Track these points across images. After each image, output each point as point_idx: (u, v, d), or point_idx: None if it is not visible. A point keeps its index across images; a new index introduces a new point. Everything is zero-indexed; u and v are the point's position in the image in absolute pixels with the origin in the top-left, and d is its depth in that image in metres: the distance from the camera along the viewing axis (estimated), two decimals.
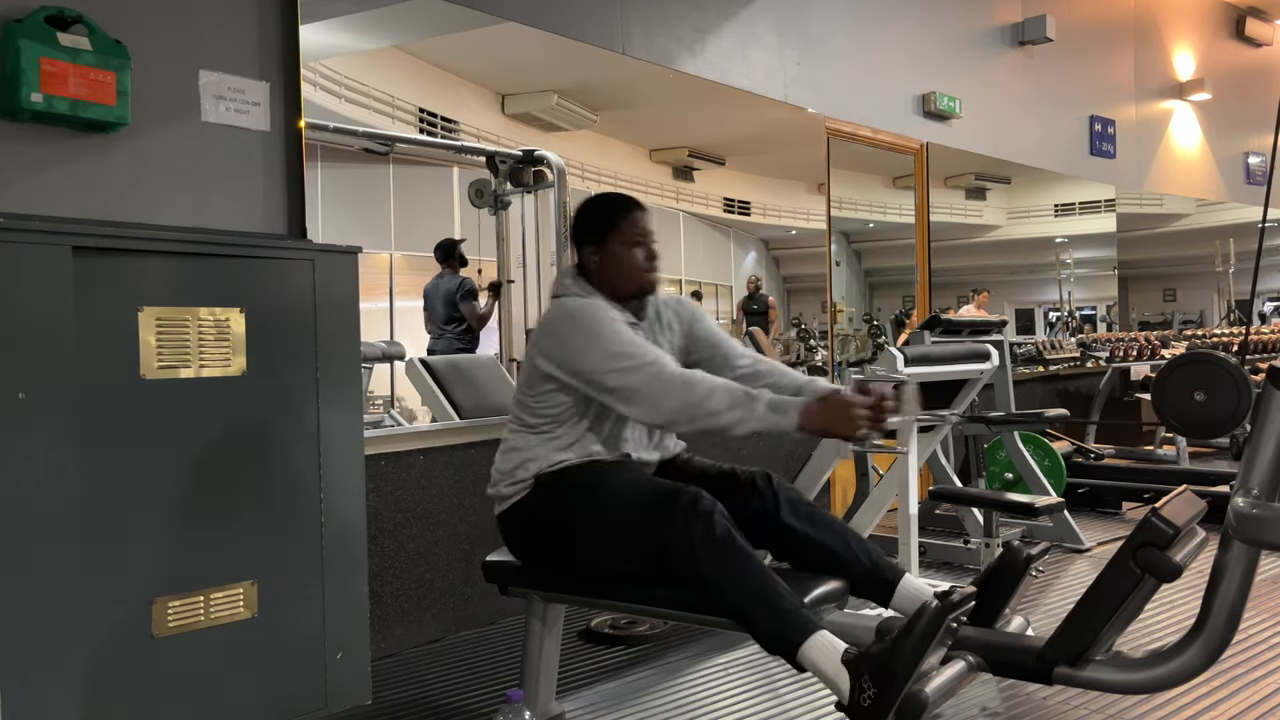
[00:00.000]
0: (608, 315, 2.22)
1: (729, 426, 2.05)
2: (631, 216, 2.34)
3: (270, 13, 2.86)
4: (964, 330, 4.47)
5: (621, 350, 2.14)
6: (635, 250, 2.32)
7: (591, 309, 2.23)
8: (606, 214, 2.35)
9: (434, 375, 3.48)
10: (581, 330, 2.19)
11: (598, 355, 2.15)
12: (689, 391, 2.06)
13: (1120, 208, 7.36)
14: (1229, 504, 1.70)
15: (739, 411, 2.04)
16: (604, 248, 2.33)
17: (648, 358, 2.13)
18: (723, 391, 2.06)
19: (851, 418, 2.01)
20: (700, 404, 2.05)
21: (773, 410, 2.03)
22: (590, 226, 2.36)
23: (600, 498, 2.19)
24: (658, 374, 2.09)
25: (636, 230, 2.33)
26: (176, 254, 2.14)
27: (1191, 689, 2.63)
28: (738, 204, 4.84)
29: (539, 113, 3.91)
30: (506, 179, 3.74)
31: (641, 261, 2.33)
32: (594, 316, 2.21)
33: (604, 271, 2.33)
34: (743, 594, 2.00)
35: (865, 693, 1.83)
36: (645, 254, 2.33)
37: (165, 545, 2.09)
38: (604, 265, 2.33)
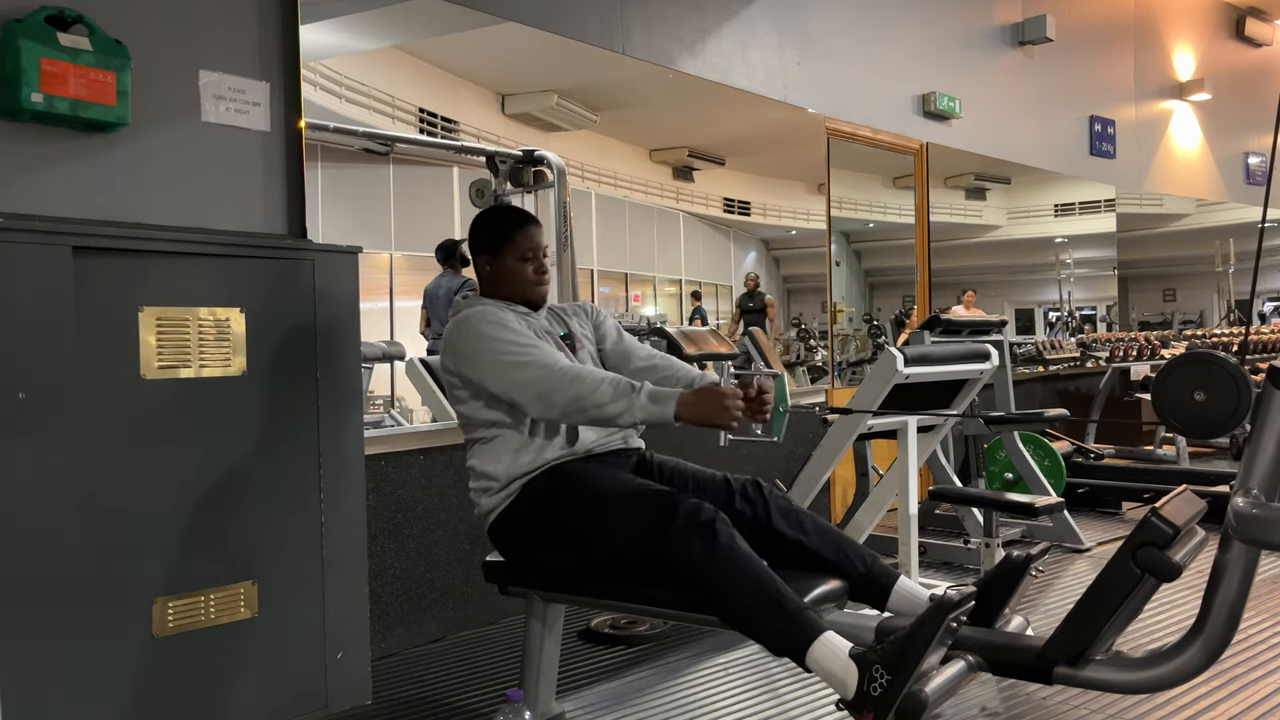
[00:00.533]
0: (498, 317, 2.29)
1: (614, 416, 2.13)
2: (525, 231, 2.44)
3: (270, 13, 2.86)
4: (964, 330, 4.47)
5: (507, 350, 2.22)
6: (526, 264, 2.43)
7: (477, 316, 2.31)
8: (501, 226, 2.45)
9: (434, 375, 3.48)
10: (470, 338, 2.28)
11: (487, 360, 2.24)
12: (578, 385, 2.13)
13: (1120, 208, 7.36)
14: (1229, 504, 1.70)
15: (623, 402, 2.11)
16: (497, 259, 2.44)
17: (534, 355, 2.21)
18: (608, 384, 2.13)
19: (725, 407, 2.10)
20: (587, 395, 2.12)
21: (652, 401, 2.12)
22: (485, 237, 2.46)
23: (598, 507, 2.19)
24: (545, 370, 2.18)
25: (529, 245, 2.43)
26: (176, 254, 2.14)
27: (1191, 689, 2.64)
28: (738, 204, 4.84)
29: (539, 113, 3.91)
30: (506, 179, 3.74)
31: (531, 275, 2.44)
32: (483, 320, 2.29)
33: (496, 281, 2.45)
34: (747, 599, 2.00)
35: (876, 682, 1.83)
36: (535, 268, 2.44)
37: (165, 545, 2.09)
38: (496, 275, 2.44)
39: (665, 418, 2.12)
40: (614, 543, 2.16)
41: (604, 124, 4.16)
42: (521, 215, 2.52)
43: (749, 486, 2.32)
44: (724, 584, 2.02)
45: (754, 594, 2.00)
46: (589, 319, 2.60)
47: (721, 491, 2.31)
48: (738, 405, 2.13)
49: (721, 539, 2.03)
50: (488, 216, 2.52)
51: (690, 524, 2.04)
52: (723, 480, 2.36)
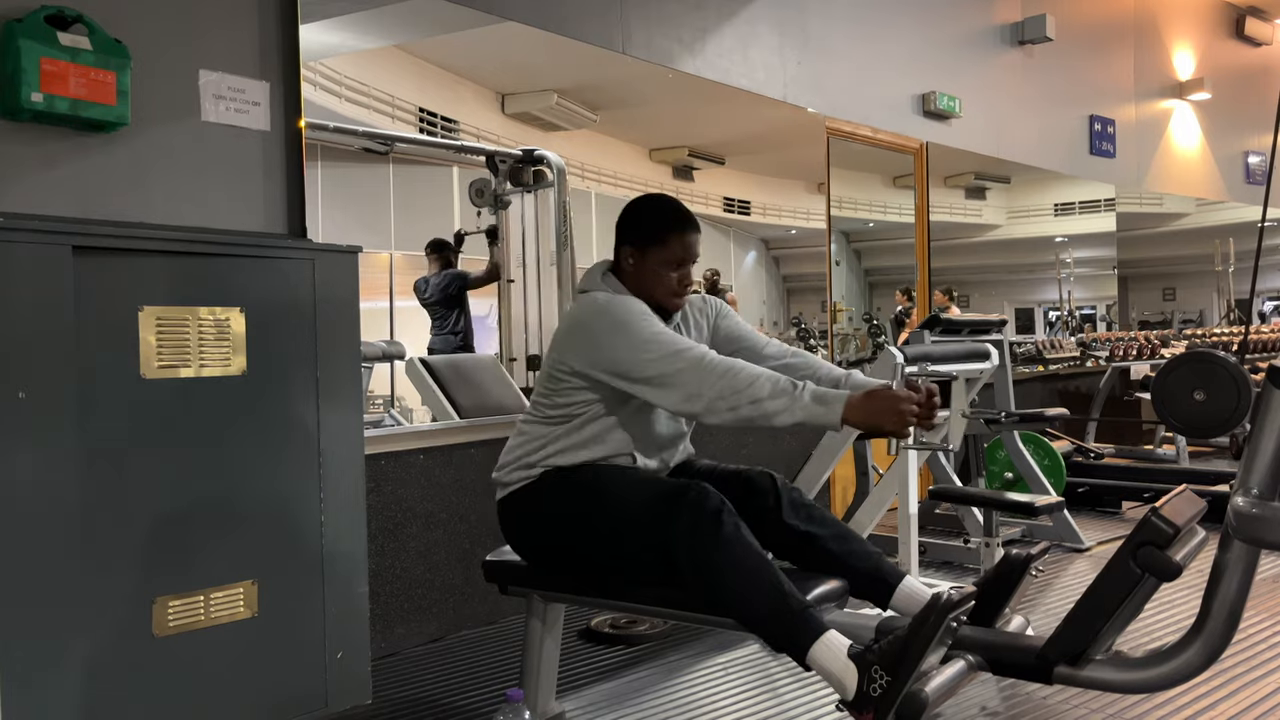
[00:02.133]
0: (639, 308, 2.17)
1: (770, 415, 1.98)
2: (682, 238, 2.27)
3: (270, 13, 2.86)
4: (964, 330, 4.47)
5: (655, 338, 2.09)
6: (672, 272, 2.27)
7: (621, 302, 2.19)
8: (658, 224, 2.28)
9: (434, 375, 3.48)
10: (611, 321, 2.14)
11: (630, 344, 2.10)
12: (731, 378, 2.00)
13: (1120, 207, 7.35)
14: (1229, 504, 1.70)
15: (783, 400, 1.98)
16: (643, 255, 2.27)
17: (684, 345, 2.08)
18: (766, 379, 2.00)
19: (900, 413, 1.97)
20: (743, 390, 1.99)
21: (816, 401, 1.97)
22: (637, 228, 2.30)
23: (605, 493, 2.18)
24: (697, 360, 2.04)
25: (681, 253, 2.27)
26: (176, 254, 2.14)
27: (1191, 689, 2.63)
28: (738, 204, 4.84)
29: (539, 112, 3.91)
30: (506, 178, 3.74)
31: (674, 284, 2.28)
32: (624, 309, 2.16)
33: (635, 277, 2.29)
34: (749, 593, 2.00)
35: (876, 682, 1.83)
36: (680, 278, 2.28)
37: (165, 545, 2.09)
38: (637, 271, 2.28)
39: (829, 421, 1.97)
40: (621, 531, 2.14)
41: (604, 124, 4.15)
42: (683, 216, 2.31)
43: (761, 478, 2.31)
44: (727, 576, 2.01)
45: (757, 588, 1.99)
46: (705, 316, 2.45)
47: (733, 482, 2.30)
48: (912, 410, 1.98)
49: (727, 529, 2.02)
50: (645, 206, 2.35)
51: (696, 513, 2.03)
52: (734, 472, 2.35)
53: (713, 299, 2.50)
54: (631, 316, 2.14)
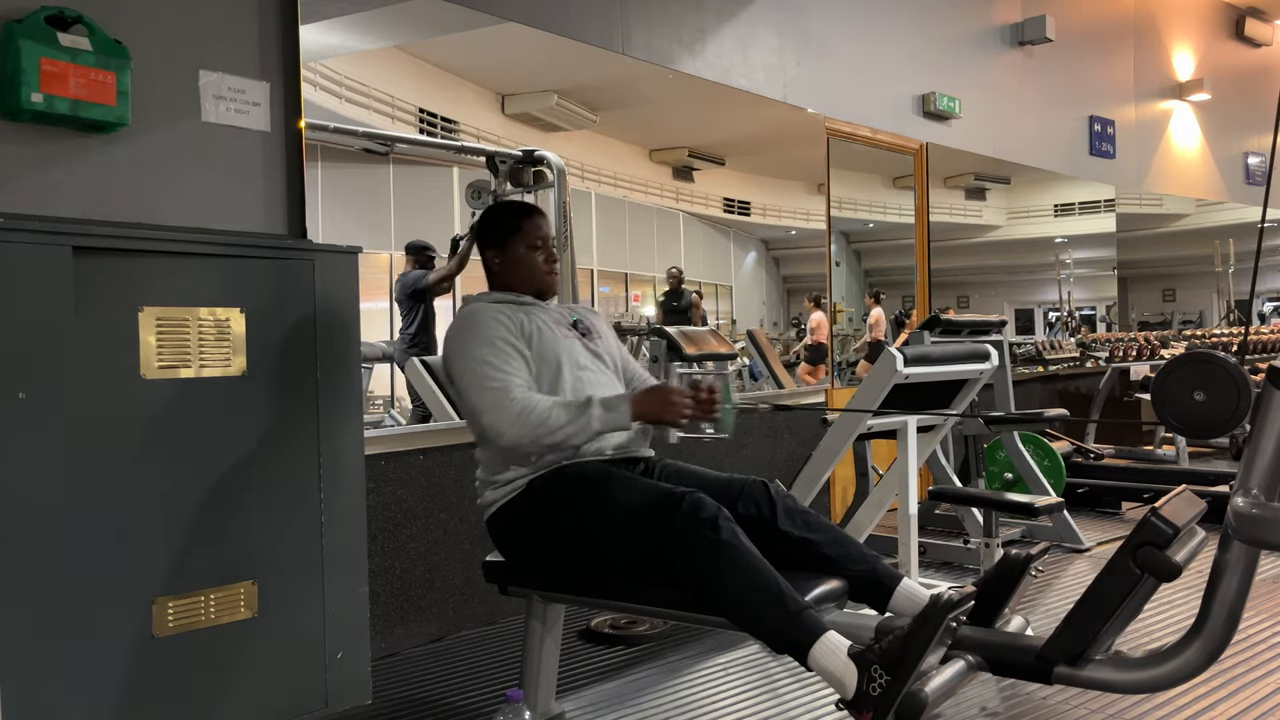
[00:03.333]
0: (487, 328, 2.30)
1: (571, 437, 2.19)
2: (532, 220, 2.48)
3: (270, 13, 2.86)
4: (963, 330, 4.47)
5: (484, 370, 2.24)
6: (535, 253, 2.47)
7: (476, 315, 2.34)
8: (508, 219, 2.49)
9: (434, 375, 3.48)
10: (460, 332, 2.32)
11: (464, 360, 2.27)
12: (525, 419, 2.17)
13: (1120, 208, 7.35)
14: (1229, 504, 1.70)
15: (579, 422, 2.18)
16: (506, 251, 2.47)
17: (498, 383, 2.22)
18: (560, 410, 2.19)
19: (673, 403, 2.21)
20: (541, 424, 2.17)
21: (606, 410, 2.19)
22: (493, 231, 2.50)
23: (598, 503, 2.19)
24: (502, 403, 2.19)
25: (537, 234, 2.47)
26: (176, 254, 2.14)
27: (1191, 689, 2.64)
28: (738, 204, 4.84)
29: (539, 113, 3.91)
30: (506, 179, 3.74)
31: (541, 263, 2.48)
32: (473, 324, 2.31)
33: (506, 273, 2.48)
34: (748, 596, 2.00)
35: (875, 682, 1.83)
36: (545, 256, 2.48)
37: (165, 545, 2.09)
38: (505, 267, 2.48)
39: (623, 422, 2.21)
40: (615, 539, 2.15)
41: (604, 124, 4.15)
42: (527, 207, 2.58)
43: (755, 486, 2.32)
44: (726, 581, 2.01)
45: (756, 591, 2.00)
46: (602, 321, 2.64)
47: (727, 491, 2.30)
48: (685, 403, 2.22)
49: (724, 535, 2.02)
50: (493, 211, 2.57)
51: (693, 519, 2.04)
52: (727, 481, 2.35)
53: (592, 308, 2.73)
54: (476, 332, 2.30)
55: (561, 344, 2.40)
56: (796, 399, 4.96)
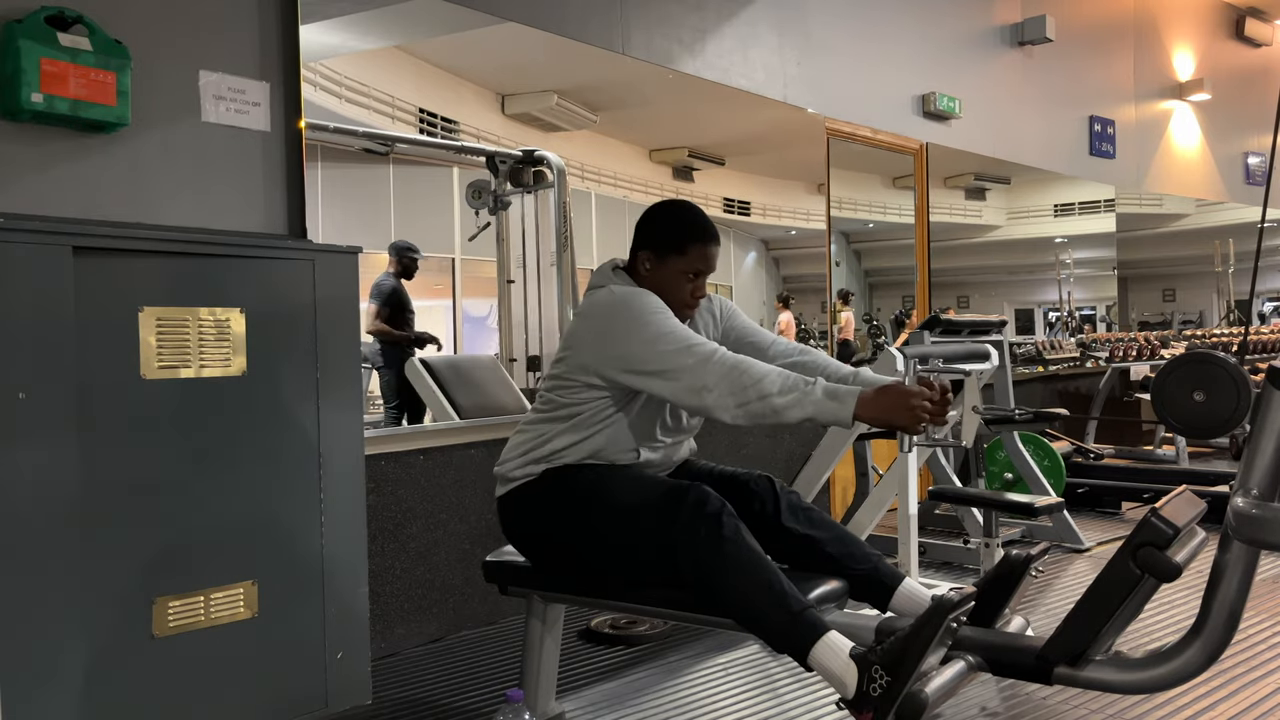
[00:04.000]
0: (653, 303, 2.16)
1: (780, 410, 1.97)
2: (703, 250, 2.27)
3: (270, 13, 2.86)
4: (964, 330, 4.47)
5: (667, 333, 2.08)
6: (688, 282, 2.28)
7: (635, 295, 2.17)
8: (680, 233, 2.28)
9: (434, 375, 3.48)
10: (624, 314, 2.14)
11: (642, 338, 2.09)
12: (740, 373, 1.99)
13: (1120, 208, 7.35)
14: (1229, 504, 1.70)
15: (793, 395, 1.96)
16: (661, 262, 2.27)
17: (695, 340, 2.07)
18: (777, 375, 1.99)
19: (913, 408, 1.96)
20: (751, 386, 1.97)
21: (829, 397, 1.96)
22: (660, 234, 2.29)
23: (605, 494, 2.18)
24: (707, 355, 2.03)
25: (701, 264, 2.27)
26: (176, 254, 2.14)
27: (1191, 689, 2.64)
28: (738, 204, 4.84)
29: (539, 113, 3.90)
30: (506, 179, 3.74)
31: (688, 295, 2.29)
32: (640, 303, 2.15)
33: (650, 281, 2.28)
34: (750, 594, 2.00)
35: (876, 682, 1.83)
36: (695, 288, 2.29)
37: (165, 545, 2.09)
38: (652, 276, 2.28)
39: (841, 416, 1.96)
40: (620, 531, 2.14)
41: (604, 124, 4.15)
42: (706, 229, 2.30)
43: (760, 481, 2.31)
44: (728, 578, 2.01)
45: (758, 590, 2.00)
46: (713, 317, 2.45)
47: (731, 486, 2.30)
48: (925, 406, 1.98)
49: (727, 531, 2.02)
50: (670, 211, 2.36)
51: (696, 515, 2.03)
52: (732, 475, 2.35)
53: (719, 298, 2.49)
54: (645, 311, 2.13)
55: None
56: None
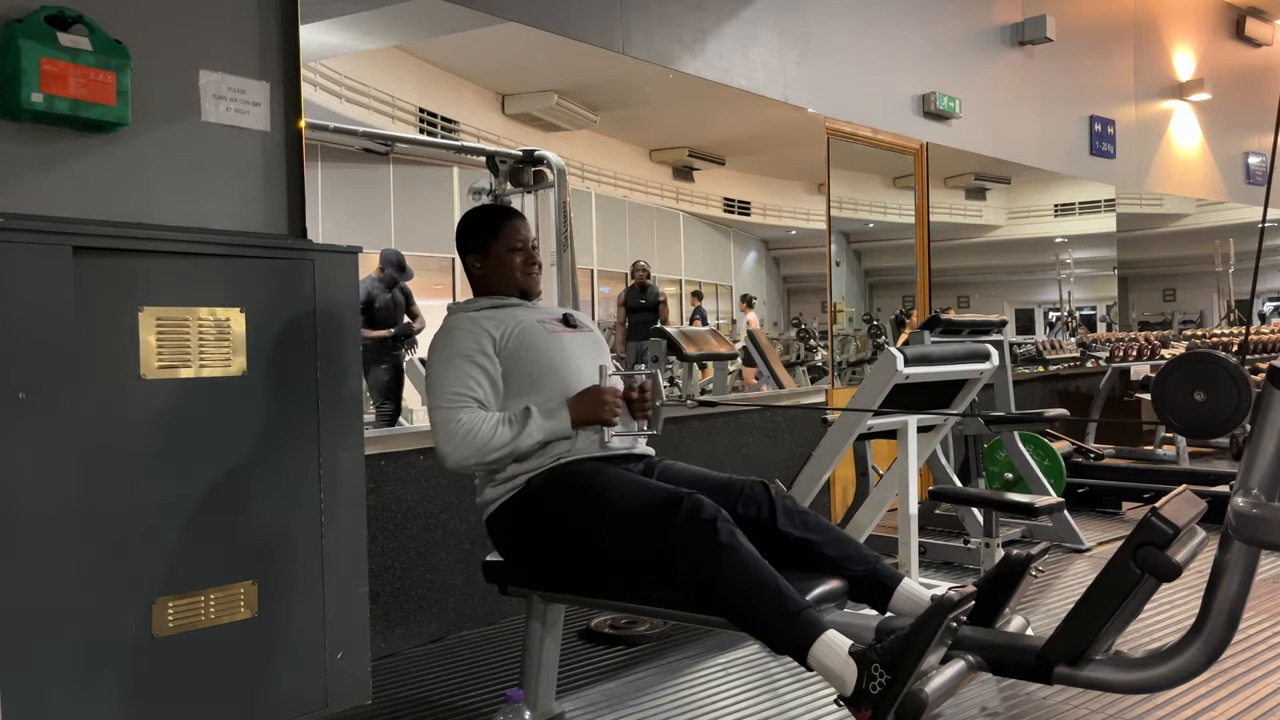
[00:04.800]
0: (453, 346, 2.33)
1: (519, 448, 2.24)
2: (511, 223, 2.51)
3: (270, 13, 2.86)
4: (964, 330, 4.47)
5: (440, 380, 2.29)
6: (516, 255, 2.49)
7: (447, 334, 2.37)
8: (487, 223, 2.52)
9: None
10: (435, 346, 2.37)
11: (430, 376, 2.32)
12: (474, 438, 2.22)
13: (1120, 208, 7.35)
14: (1229, 504, 1.70)
15: (519, 437, 2.24)
16: (487, 255, 2.50)
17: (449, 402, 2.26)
18: (501, 424, 2.24)
19: (604, 403, 2.28)
20: (487, 444, 2.22)
21: (546, 417, 2.26)
22: (473, 236, 2.52)
23: (598, 504, 2.19)
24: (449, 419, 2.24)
25: (516, 236, 2.50)
26: (176, 254, 2.14)
27: (1191, 689, 2.64)
28: (738, 204, 4.84)
29: (539, 113, 3.91)
30: (506, 179, 3.74)
31: (521, 264, 2.50)
32: (443, 342, 2.36)
33: (490, 276, 2.50)
34: (749, 597, 2.00)
35: (876, 680, 1.83)
36: (525, 258, 2.51)
37: (165, 545, 2.09)
38: (488, 270, 2.50)
39: (564, 428, 2.27)
40: (614, 540, 2.15)
41: (604, 124, 4.15)
42: (505, 210, 2.59)
43: (754, 487, 2.32)
44: (725, 582, 2.02)
45: (756, 593, 2.00)
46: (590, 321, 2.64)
47: (726, 492, 2.30)
48: (616, 402, 2.30)
49: (723, 536, 2.02)
50: (472, 217, 2.58)
51: (692, 521, 2.04)
52: (726, 481, 2.35)
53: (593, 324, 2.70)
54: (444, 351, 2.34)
55: (551, 339, 2.41)
56: (796, 399, 4.96)
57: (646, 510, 2.11)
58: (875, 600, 2.22)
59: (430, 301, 3.72)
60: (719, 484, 2.35)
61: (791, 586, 2.01)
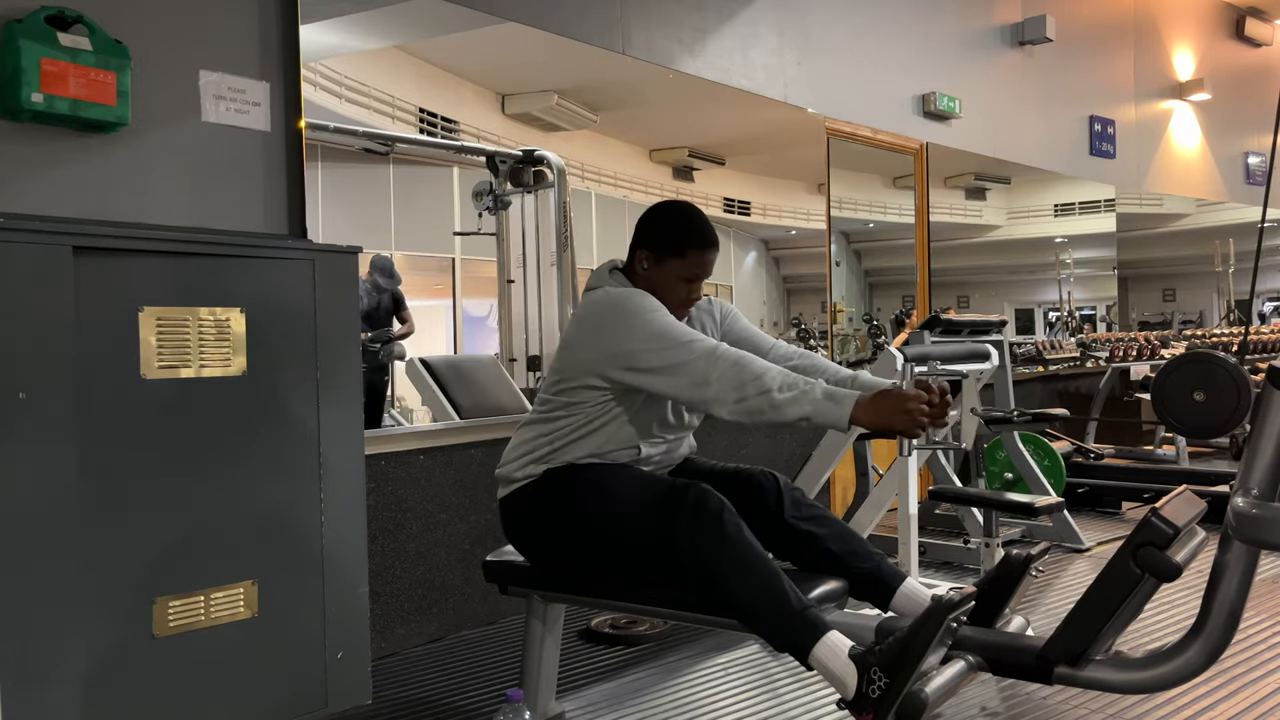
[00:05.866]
0: (650, 302, 2.18)
1: (779, 406, 1.97)
2: (701, 254, 2.29)
3: (270, 13, 2.86)
4: (964, 330, 4.47)
5: (666, 330, 2.10)
6: (684, 285, 2.30)
7: (633, 295, 2.19)
8: (680, 236, 2.29)
9: (434, 375, 3.48)
10: (623, 313, 2.15)
11: (641, 335, 2.10)
12: (742, 369, 2.00)
13: (1120, 208, 7.35)
14: (1229, 504, 1.70)
15: (793, 393, 1.97)
16: (659, 263, 2.29)
17: (694, 336, 2.09)
18: (777, 372, 2.00)
19: (910, 412, 1.97)
20: (753, 380, 1.99)
21: (827, 398, 1.97)
22: (660, 236, 2.31)
23: (606, 493, 2.18)
24: (708, 350, 2.05)
25: (699, 269, 2.29)
26: (176, 254, 2.14)
27: (1191, 689, 2.64)
28: (738, 204, 4.84)
29: (539, 113, 3.90)
30: (506, 179, 3.74)
31: (684, 296, 2.31)
32: (636, 302, 2.17)
33: (647, 281, 2.30)
34: (751, 593, 2.00)
35: (875, 684, 1.83)
36: (690, 291, 2.31)
37: (165, 545, 2.09)
38: (649, 276, 2.30)
39: (838, 418, 1.97)
40: (620, 530, 2.15)
41: (604, 124, 4.15)
42: (706, 233, 2.32)
43: (763, 477, 2.31)
44: (729, 577, 2.01)
45: (759, 589, 2.00)
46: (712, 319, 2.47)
47: (734, 482, 2.30)
48: (922, 410, 1.98)
49: (728, 529, 2.02)
50: (671, 213, 2.37)
51: (698, 512, 2.04)
52: (734, 471, 2.35)
53: (720, 301, 2.50)
54: (643, 309, 2.15)
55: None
56: None
57: (652, 502, 2.11)
58: (877, 598, 2.22)
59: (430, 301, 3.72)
60: (728, 473, 2.35)
61: (794, 585, 2.01)
